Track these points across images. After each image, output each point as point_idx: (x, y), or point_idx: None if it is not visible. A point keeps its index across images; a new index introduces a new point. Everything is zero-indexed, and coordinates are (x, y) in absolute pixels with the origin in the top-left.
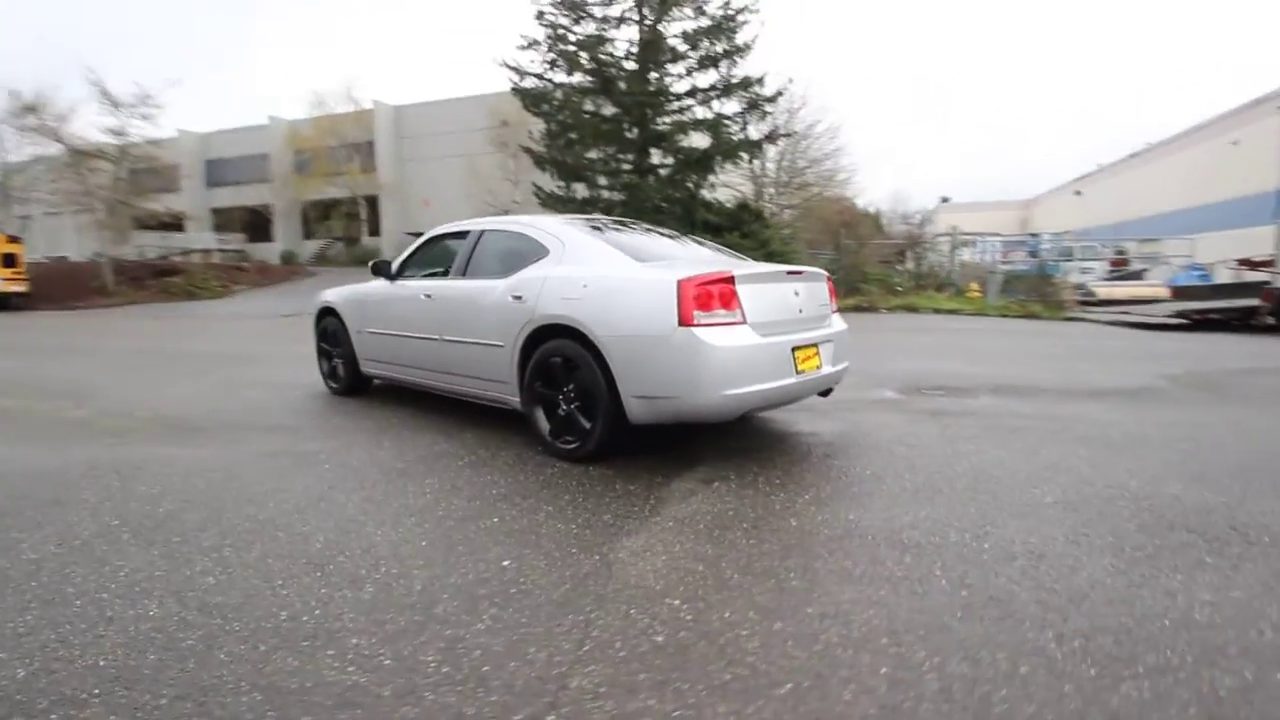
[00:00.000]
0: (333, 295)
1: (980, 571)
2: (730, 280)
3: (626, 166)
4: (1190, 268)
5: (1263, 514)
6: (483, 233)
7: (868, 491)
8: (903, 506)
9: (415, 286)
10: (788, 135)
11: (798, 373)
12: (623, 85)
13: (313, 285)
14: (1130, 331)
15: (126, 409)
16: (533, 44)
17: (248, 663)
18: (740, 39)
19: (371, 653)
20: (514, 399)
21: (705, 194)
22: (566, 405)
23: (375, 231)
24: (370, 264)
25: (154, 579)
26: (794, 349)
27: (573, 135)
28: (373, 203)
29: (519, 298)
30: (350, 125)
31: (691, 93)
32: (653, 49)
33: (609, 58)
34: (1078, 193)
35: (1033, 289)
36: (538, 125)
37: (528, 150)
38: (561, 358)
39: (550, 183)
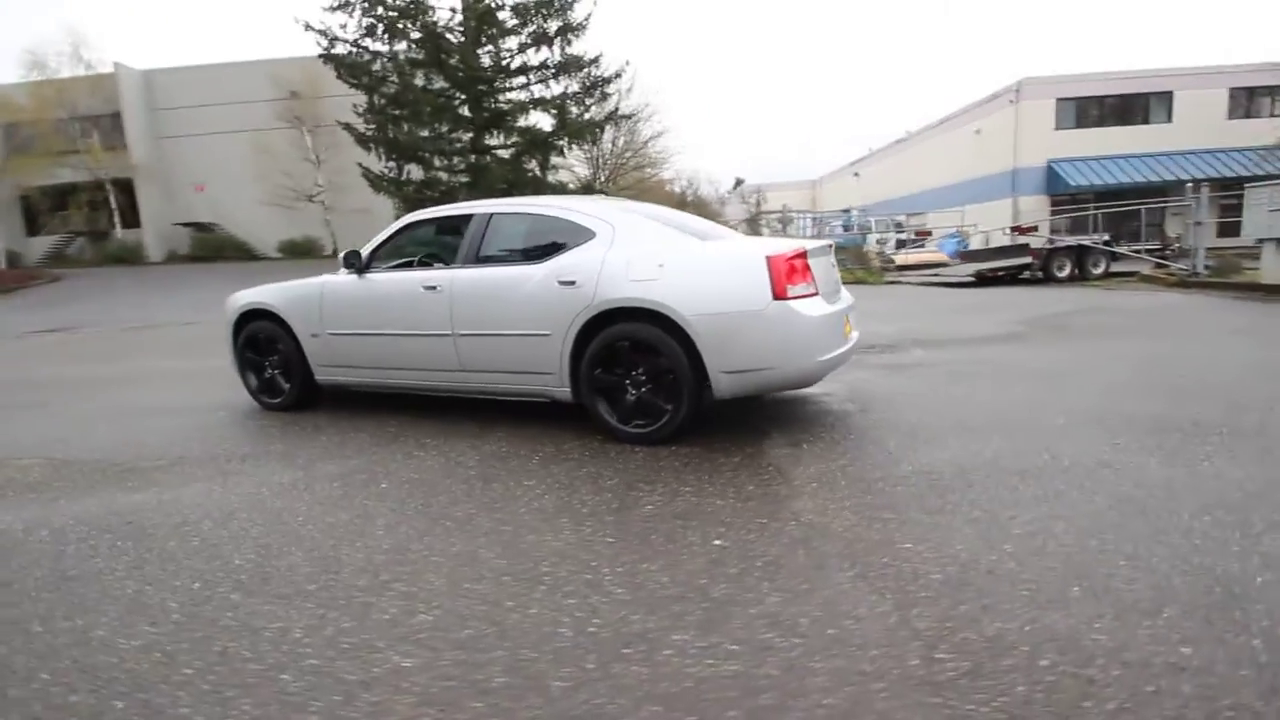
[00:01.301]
0: (262, 296)
1: (1090, 482)
2: (805, 255)
3: (460, 145)
4: (949, 236)
5: (1200, 414)
6: (491, 216)
7: (927, 436)
8: (967, 443)
9: (406, 278)
10: (628, 117)
11: (845, 338)
12: (454, 59)
13: (62, 293)
14: (945, 290)
15: (10, 455)
16: (344, 5)
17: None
18: (574, 17)
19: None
20: (560, 390)
21: (548, 176)
22: (637, 389)
23: (132, 222)
24: (342, 255)
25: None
26: (844, 316)
27: (398, 111)
28: (126, 187)
29: (570, 283)
30: (83, 93)
31: (524, 69)
32: (484, 20)
33: (436, 27)
34: (856, 174)
35: (856, 258)
36: (337, 97)
37: (347, 127)
38: (630, 341)
39: (378, 163)
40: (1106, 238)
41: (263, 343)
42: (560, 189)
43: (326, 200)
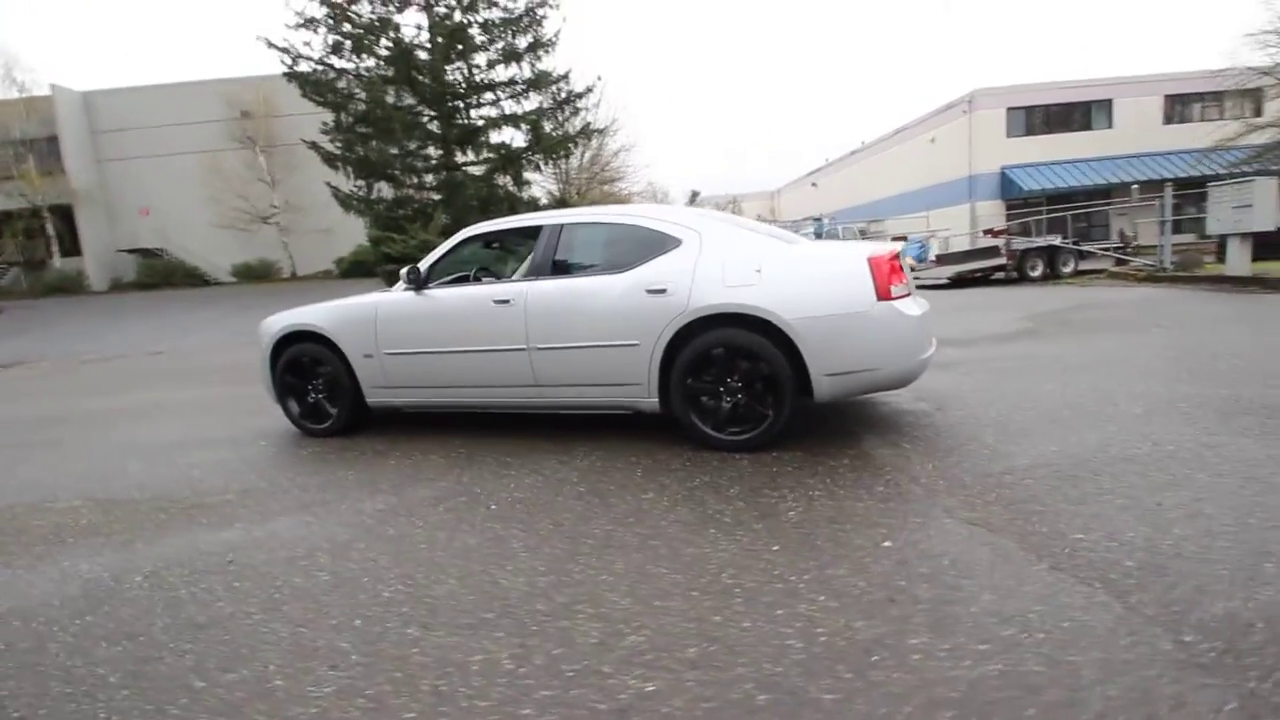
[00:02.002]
0: (306, 317)
1: (1205, 465)
2: (898, 256)
3: (428, 163)
4: (911, 242)
5: (1259, 396)
6: (562, 227)
7: (1017, 431)
8: (1063, 434)
9: (472, 293)
10: (601, 131)
11: (932, 339)
12: (424, 76)
13: (3, 324)
14: (930, 292)
15: (46, 498)
16: (309, 23)
17: None
18: (543, 33)
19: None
20: (647, 400)
21: (522, 193)
22: (732, 396)
23: (73, 250)
24: (403, 271)
25: None
26: None
27: (366, 129)
28: (66, 214)
29: (660, 291)
30: (17, 116)
31: (494, 86)
32: (453, 37)
33: (406, 43)
34: (814, 184)
35: None
36: (293, 116)
37: (313, 145)
38: (725, 348)
39: (347, 182)
40: (1075, 239)
41: (306, 366)
42: (534, 205)
43: (283, 221)
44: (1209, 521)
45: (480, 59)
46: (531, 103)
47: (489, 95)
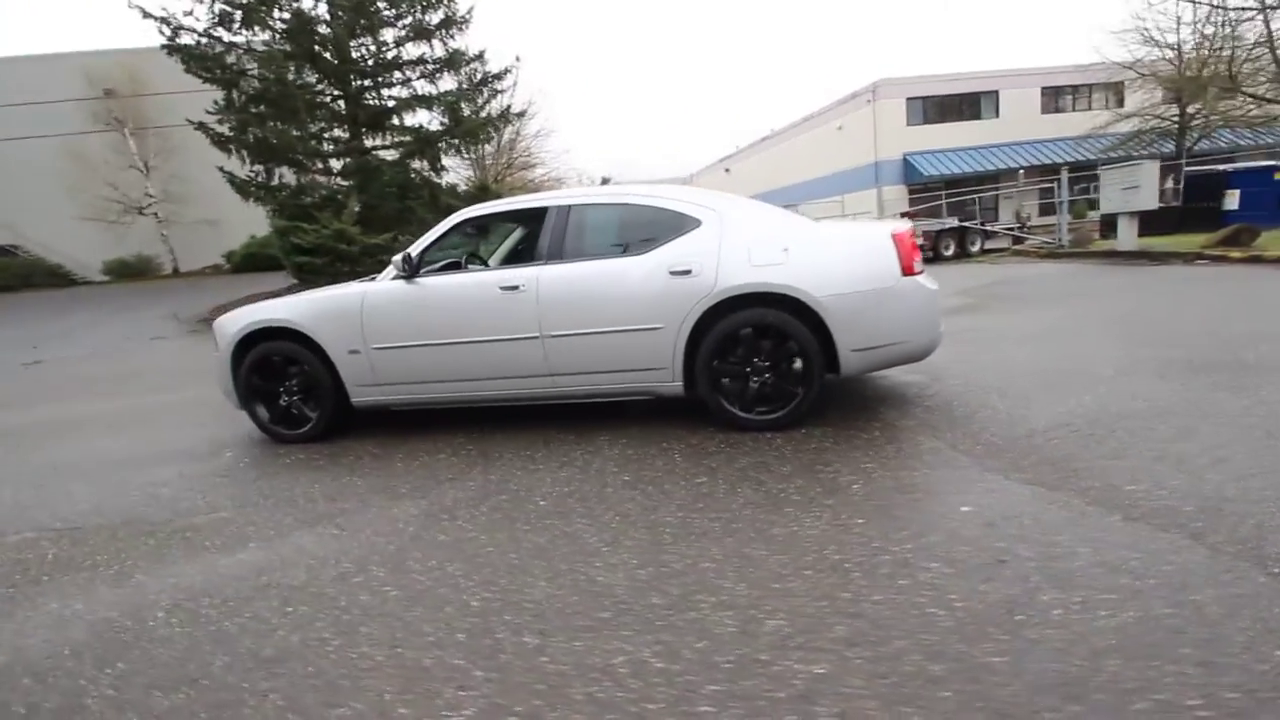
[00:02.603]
0: (279, 312)
1: (1200, 417)
2: (914, 233)
3: (336, 146)
4: None
5: (1210, 355)
6: (570, 208)
7: (1018, 396)
8: (1061, 397)
9: (475, 280)
10: (521, 115)
11: None
12: (328, 52)
13: None
14: None
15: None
16: None
17: None
18: (456, 9)
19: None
20: (671, 385)
21: (435, 178)
22: (758, 376)
23: None
24: (395, 259)
25: None
26: None
27: (258, 109)
28: None
29: (684, 272)
30: None
31: (403, 64)
32: (358, 10)
33: (306, 15)
34: (727, 170)
35: None
36: (169, 95)
37: (200, 126)
38: (753, 328)
39: (242, 167)
40: (981, 220)
41: (277, 366)
42: (453, 192)
43: (161, 213)
44: (1235, 466)
45: (388, 35)
46: (446, 83)
47: (399, 75)
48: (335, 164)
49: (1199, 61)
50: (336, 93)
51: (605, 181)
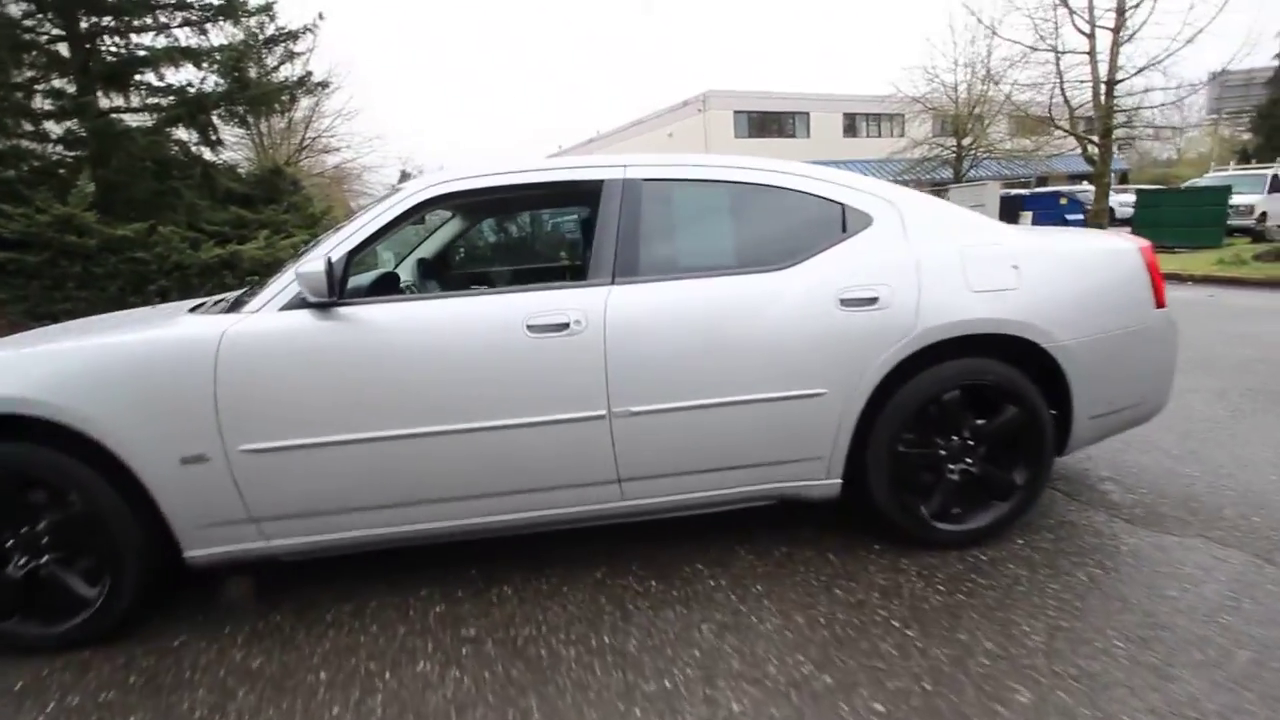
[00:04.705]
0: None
1: None
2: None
3: (58, 103)
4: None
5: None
6: (644, 183)
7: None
8: (1193, 448)
9: (470, 312)
10: (324, 85)
11: None
12: None
13: None
14: None
15: None
16: None
17: None
18: None
19: None
20: (824, 483)
21: (210, 154)
22: (956, 463)
23: None
24: (298, 269)
25: None
26: None
27: None
28: None
29: (866, 301)
30: None
31: (148, 2)
32: None
33: None
34: None
35: None
36: None
37: None
38: (961, 389)
39: None
40: None
41: None
42: (232, 172)
43: None
44: None
45: None
46: (219, 36)
47: (152, 19)
48: (55, 128)
49: (969, 100)
50: (57, 31)
51: (405, 176)
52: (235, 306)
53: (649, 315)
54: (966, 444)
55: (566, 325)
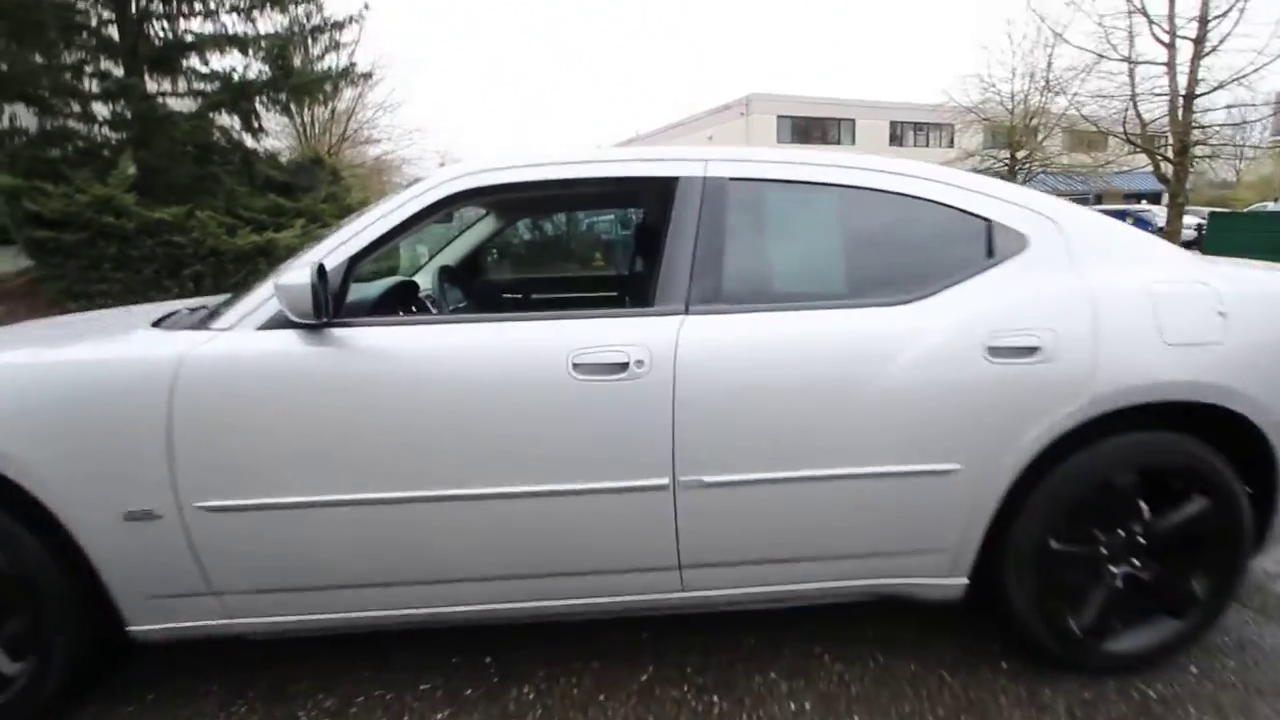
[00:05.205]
0: None
1: None
2: None
3: (104, 85)
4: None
5: None
6: (729, 183)
7: None
8: None
9: (505, 340)
10: (367, 76)
11: None
12: None
13: None
14: None
15: None
16: None
17: None
18: None
19: None
20: (944, 582)
21: (251, 141)
22: (1119, 565)
23: None
24: (293, 276)
25: None
26: None
27: None
28: None
29: (1023, 349)
30: None
31: None
32: None
33: None
34: None
35: None
36: None
37: None
38: (1138, 474)
39: None
40: None
41: None
42: (274, 160)
43: None
44: None
45: None
46: (266, 24)
47: (200, 5)
48: (102, 109)
49: (1026, 112)
50: (108, 14)
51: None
52: (208, 320)
53: (734, 357)
54: (1134, 540)
55: (625, 365)
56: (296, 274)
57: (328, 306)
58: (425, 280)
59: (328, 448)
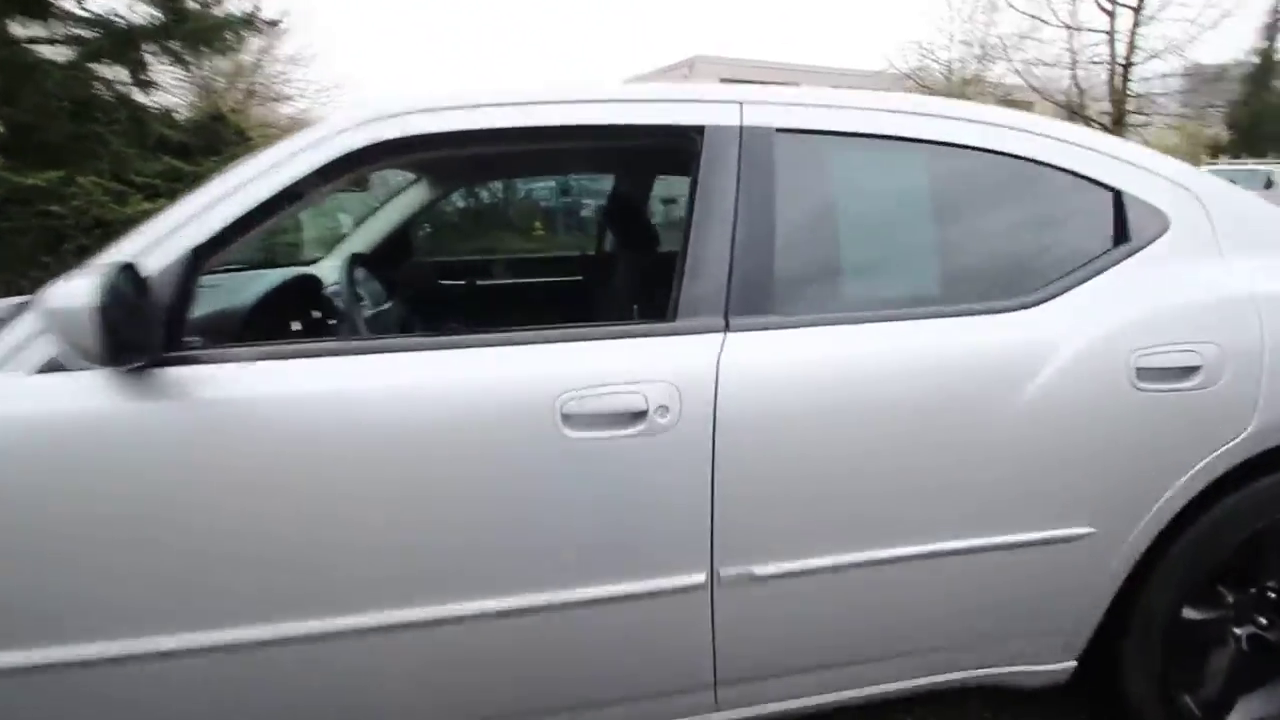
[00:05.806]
0: None
1: None
2: None
3: None
4: None
5: None
6: (776, 133)
7: None
8: None
9: (449, 386)
10: (275, 24)
11: None
12: None
13: None
14: None
15: None
16: None
17: None
18: None
19: None
20: (1054, 667)
21: (141, 96)
22: (1242, 626)
23: None
24: (42, 306)
25: None
26: None
27: None
28: None
29: (1181, 370)
30: None
31: None
32: None
33: None
34: None
35: None
36: None
37: None
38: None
39: None
40: None
41: None
42: (168, 118)
43: None
44: None
45: None
46: None
47: None
48: None
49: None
50: None
51: None
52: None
53: (799, 396)
54: (1263, 596)
55: (643, 415)
56: (78, 285)
57: (155, 336)
58: (331, 270)
59: (160, 562)
